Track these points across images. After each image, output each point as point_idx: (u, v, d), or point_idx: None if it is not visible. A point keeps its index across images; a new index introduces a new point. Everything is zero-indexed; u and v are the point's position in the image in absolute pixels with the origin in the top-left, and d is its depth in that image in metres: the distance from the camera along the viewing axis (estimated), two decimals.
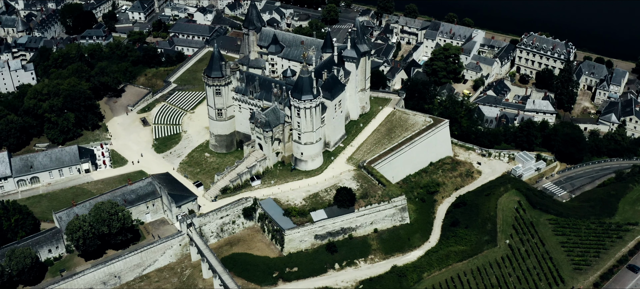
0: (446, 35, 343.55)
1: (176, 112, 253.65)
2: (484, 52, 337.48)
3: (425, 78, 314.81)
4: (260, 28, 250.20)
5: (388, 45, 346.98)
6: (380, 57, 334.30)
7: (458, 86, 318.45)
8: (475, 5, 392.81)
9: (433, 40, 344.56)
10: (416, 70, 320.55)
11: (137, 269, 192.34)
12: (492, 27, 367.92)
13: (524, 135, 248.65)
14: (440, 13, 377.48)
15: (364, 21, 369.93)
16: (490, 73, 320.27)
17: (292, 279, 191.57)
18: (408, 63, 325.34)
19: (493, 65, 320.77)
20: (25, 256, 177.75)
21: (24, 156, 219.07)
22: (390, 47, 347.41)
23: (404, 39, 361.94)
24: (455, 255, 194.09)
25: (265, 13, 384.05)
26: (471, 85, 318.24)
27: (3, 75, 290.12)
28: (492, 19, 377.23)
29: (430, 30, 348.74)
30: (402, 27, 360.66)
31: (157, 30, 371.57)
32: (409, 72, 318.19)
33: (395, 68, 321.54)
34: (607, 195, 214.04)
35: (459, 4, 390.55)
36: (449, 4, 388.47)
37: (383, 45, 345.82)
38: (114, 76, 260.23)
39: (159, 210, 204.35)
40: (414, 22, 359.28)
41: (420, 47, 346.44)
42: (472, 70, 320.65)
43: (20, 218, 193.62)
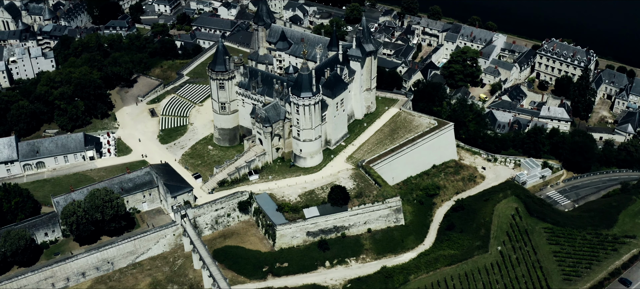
0: (467, 38, 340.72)
1: (185, 104, 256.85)
2: (504, 57, 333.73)
3: (442, 80, 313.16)
4: (270, 24, 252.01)
5: (408, 46, 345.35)
6: (399, 57, 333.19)
7: (475, 90, 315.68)
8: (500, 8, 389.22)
9: (453, 43, 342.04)
10: (433, 72, 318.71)
11: (130, 257, 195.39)
12: (515, 31, 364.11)
13: (531, 142, 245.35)
14: (464, 15, 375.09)
15: (386, 21, 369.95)
16: (509, 78, 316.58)
17: (282, 274, 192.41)
18: (425, 65, 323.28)
19: (512, 70, 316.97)
20: (19, 237, 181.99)
21: (31, 142, 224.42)
22: (410, 48, 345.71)
23: (425, 40, 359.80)
24: (444, 259, 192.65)
25: (288, 10, 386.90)
26: (488, 89, 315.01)
27: (23, 62, 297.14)
28: (516, 23, 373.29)
29: (451, 33, 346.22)
30: (424, 28, 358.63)
31: (181, 23, 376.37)
32: (425, 73, 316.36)
33: (412, 69, 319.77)
34: (608, 206, 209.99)
35: (483, 6, 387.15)
36: (473, 7, 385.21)
37: (403, 46, 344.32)
38: (126, 66, 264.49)
39: (155, 199, 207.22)
40: (436, 24, 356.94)
41: (440, 49, 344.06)
42: (490, 74, 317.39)
43: (20, 201, 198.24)
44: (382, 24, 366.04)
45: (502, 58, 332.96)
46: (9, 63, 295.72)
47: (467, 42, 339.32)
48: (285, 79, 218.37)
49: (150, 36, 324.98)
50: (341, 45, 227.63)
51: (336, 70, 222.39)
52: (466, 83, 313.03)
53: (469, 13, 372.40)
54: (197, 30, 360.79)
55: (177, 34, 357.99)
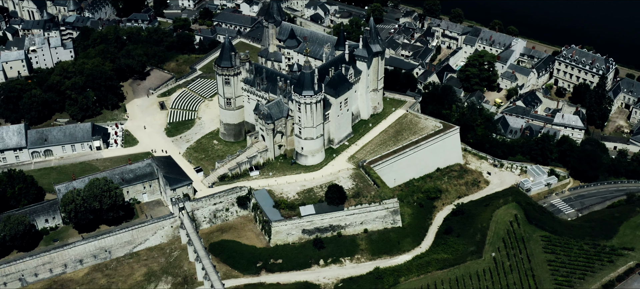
0: (486, 42, 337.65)
1: (195, 99, 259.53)
2: (523, 62, 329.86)
3: (457, 84, 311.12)
4: (280, 22, 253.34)
5: (426, 48, 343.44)
6: (417, 59, 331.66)
7: (491, 94, 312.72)
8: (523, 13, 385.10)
9: (472, 46, 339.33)
10: (449, 75, 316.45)
11: (127, 246, 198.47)
12: (538, 36, 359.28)
13: (539, 149, 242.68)
14: (486, 19, 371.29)
15: (406, 22, 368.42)
16: (526, 84, 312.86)
17: (275, 271, 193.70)
18: (442, 67, 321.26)
19: (529, 75, 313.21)
20: (18, 222, 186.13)
21: (40, 130, 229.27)
22: (429, 50, 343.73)
23: (444, 43, 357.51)
24: (437, 263, 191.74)
25: (310, 8, 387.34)
26: (505, 94, 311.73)
27: (43, 52, 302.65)
28: (539, 28, 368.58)
29: (470, 36, 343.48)
30: (444, 31, 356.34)
31: (203, 18, 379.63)
32: (441, 76, 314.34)
33: (428, 71, 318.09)
34: (610, 217, 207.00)
35: (506, 10, 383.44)
36: (495, 10, 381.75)
37: (421, 48, 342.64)
38: (139, 59, 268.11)
39: (155, 191, 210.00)
40: (456, 27, 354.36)
41: (459, 52, 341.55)
42: (507, 79, 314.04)
43: (24, 187, 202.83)
44: (402, 25, 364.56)
45: (520, 63, 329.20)
46: (29, 53, 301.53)
47: (486, 46, 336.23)
48: (289, 77, 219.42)
49: (169, 30, 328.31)
50: (347, 44, 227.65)
51: (341, 69, 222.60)
52: (482, 88, 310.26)
53: (491, 16, 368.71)
54: (218, 25, 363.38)
55: (198, 29, 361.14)
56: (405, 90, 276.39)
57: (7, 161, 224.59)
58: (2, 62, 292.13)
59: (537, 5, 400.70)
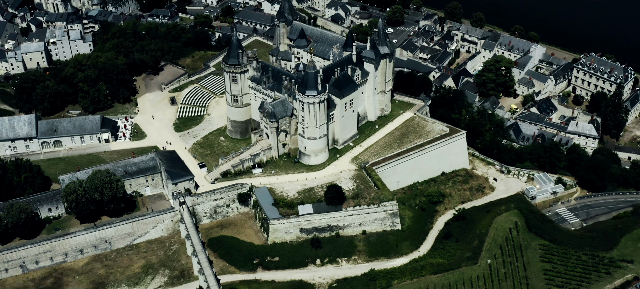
0: (505, 47, 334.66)
1: (206, 95, 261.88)
2: (541, 68, 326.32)
3: (473, 88, 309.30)
4: (291, 21, 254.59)
5: (445, 52, 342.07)
6: (434, 62, 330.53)
7: (507, 100, 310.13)
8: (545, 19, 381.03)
9: (491, 51, 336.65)
10: (466, 79, 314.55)
11: (128, 238, 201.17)
12: (559, 43, 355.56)
13: (547, 156, 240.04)
14: (507, 23, 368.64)
15: (426, 25, 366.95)
16: (543, 91, 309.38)
17: (272, 268, 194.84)
18: (458, 71, 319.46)
19: (547, 82, 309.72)
20: (21, 210, 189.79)
21: (50, 121, 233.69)
22: (448, 53, 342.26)
23: (464, 47, 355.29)
24: (431, 267, 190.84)
25: (330, 8, 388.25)
26: (521, 100, 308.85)
27: (62, 44, 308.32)
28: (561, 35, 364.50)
29: (489, 41, 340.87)
30: (463, 35, 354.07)
31: (225, 15, 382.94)
32: (457, 80, 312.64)
33: (444, 75, 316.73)
34: (612, 228, 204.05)
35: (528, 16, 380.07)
36: (517, 16, 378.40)
37: (440, 51, 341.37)
38: (152, 54, 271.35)
39: (158, 184, 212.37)
40: (475, 31, 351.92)
41: (477, 57, 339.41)
42: (524, 85, 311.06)
43: (30, 176, 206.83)
44: (422, 28, 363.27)
45: (539, 69, 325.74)
46: (49, 45, 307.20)
47: (505, 51, 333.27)
48: (294, 76, 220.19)
49: (187, 26, 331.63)
50: (355, 46, 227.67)
51: (347, 70, 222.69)
52: (498, 93, 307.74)
53: (512, 21, 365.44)
54: (238, 23, 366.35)
55: (219, 26, 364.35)
56: (419, 93, 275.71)
57: (17, 150, 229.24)
58: (22, 53, 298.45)
59: (560, 11, 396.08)
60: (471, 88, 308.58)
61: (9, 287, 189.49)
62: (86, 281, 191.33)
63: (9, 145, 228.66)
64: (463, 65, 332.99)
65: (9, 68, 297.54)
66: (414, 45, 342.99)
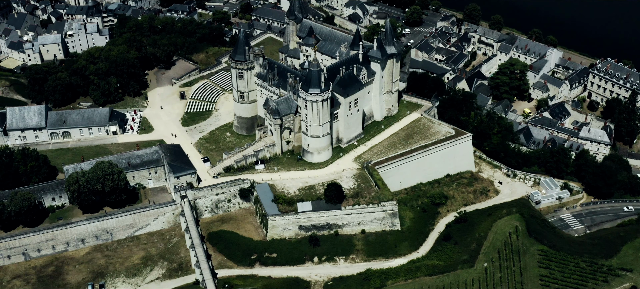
0: (521, 50, 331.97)
1: (215, 90, 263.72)
2: (558, 73, 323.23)
3: (487, 91, 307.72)
4: (301, 19, 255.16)
5: (461, 53, 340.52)
6: (449, 64, 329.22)
7: (521, 104, 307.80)
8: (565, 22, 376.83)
9: (507, 54, 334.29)
10: (480, 82, 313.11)
11: (129, 230, 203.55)
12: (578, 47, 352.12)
13: (554, 161, 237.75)
14: (526, 27, 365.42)
15: (443, 27, 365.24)
16: (558, 95, 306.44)
17: (269, 264, 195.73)
18: (472, 74, 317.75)
19: (562, 87, 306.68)
20: (24, 199, 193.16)
21: (60, 112, 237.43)
22: (463, 55, 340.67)
23: (480, 49, 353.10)
24: (426, 269, 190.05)
25: (349, 7, 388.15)
26: (535, 104, 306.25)
27: (79, 37, 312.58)
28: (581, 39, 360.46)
29: (506, 44, 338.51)
30: (480, 37, 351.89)
31: (244, 12, 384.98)
32: (471, 83, 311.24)
33: (458, 77, 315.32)
34: (614, 236, 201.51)
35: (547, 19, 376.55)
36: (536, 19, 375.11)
37: (456, 53, 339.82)
38: (164, 49, 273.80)
39: (161, 177, 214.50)
40: (492, 34, 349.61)
41: (493, 59, 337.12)
42: (539, 89, 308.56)
43: (36, 166, 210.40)
44: (439, 29, 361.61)
45: (555, 74, 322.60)
46: (66, 37, 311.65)
47: (521, 55, 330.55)
48: (299, 73, 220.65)
49: (204, 22, 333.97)
50: (361, 45, 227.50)
51: (352, 69, 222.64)
52: (512, 96, 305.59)
53: (531, 25, 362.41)
54: (256, 20, 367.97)
55: (236, 23, 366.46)
56: (431, 94, 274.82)
57: (27, 140, 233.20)
58: (39, 44, 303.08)
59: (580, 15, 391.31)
60: (485, 91, 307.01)
61: (11, 274, 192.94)
62: (86, 271, 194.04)
63: (19, 135, 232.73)
64: (478, 68, 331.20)
65: (26, 60, 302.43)
66: (430, 46, 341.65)
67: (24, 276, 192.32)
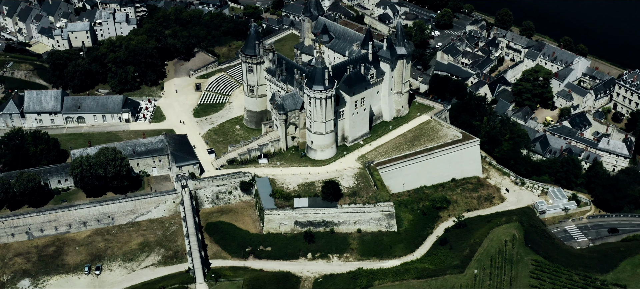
0: (548, 58, 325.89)
1: (230, 84, 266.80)
2: (584, 82, 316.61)
3: (510, 97, 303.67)
4: (317, 16, 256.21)
5: (487, 58, 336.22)
6: (474, 68, 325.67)
7: (543, 112, 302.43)
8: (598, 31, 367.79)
9: (533, 60, 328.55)
10: (503, 87, 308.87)
11: (130, 215, 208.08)
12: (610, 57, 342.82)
13: (563, 171, 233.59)
14: (557, 34, 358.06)
15: (472, 30, 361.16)
16: (582, 105, 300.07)
17: (263, 257, 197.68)
18: (495, 79, 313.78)
19: (586, 96, 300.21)
20: (29, 179, 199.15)
21: (75, 97, 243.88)
22: (490, 60, 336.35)
23: (508, 54, 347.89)
24: (415, 271, 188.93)
25: (379, 7, 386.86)
26: (557, 113, 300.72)
27: (108, 25, 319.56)
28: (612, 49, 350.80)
29: (533, 50, 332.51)
30: (508, 42, 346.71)
31: (275, 8, 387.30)
32: (493, 88, 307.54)
33: (481, 81, 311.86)
34: (614, 250, 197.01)
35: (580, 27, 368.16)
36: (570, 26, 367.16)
37: (482, 57, 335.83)
38: (184, 41, 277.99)
39: (165, 166, 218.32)
40: (521, 39, 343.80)
41: (519, 65, 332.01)
42: (563, 97, 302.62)
43: (45, 148, 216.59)
44: (468, 33, 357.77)
45: (582, 83, 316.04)
46: (95, 25, 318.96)
47: (548, 62, 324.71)
48: (305, 70, 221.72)
49: (231, 16, 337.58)
50: (370, 44, 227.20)
51: (360, 68, 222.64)
52: (535, 104, 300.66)
53: (563, 32, 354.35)
54: (286, 16, 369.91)
55: (266, 18, 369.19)
56: (451, 97, 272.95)
57: (43, 123, 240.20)
58: (68, 31, 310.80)
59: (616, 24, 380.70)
60: (507, 97, 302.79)
61: (14, 251, 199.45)
62: (85, 253, 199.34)
63: (36, 118, 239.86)
64: (503, 73, 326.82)
65: (55, 46, 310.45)
66: (456, 50, 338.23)
67: (26, 255, 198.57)
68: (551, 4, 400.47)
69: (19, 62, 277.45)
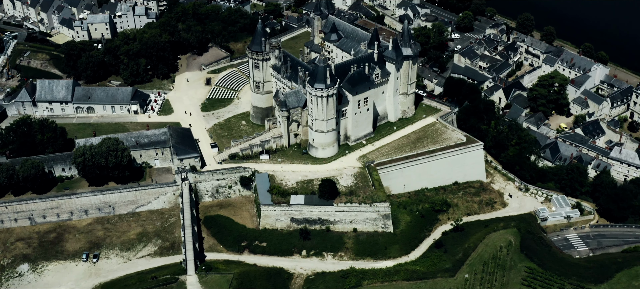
0: (566, 64, 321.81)
1: (241, 80, 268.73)
2: (602, 89, 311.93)
3: (524, 102, 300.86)
4: (327, 15, 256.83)
5: (505, 63, 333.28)
6: (491, 72, 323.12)
7: (557, 119, 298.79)
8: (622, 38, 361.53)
9: (551, 66, 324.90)
10: (518, 92, 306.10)
11: (131, 205, 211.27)
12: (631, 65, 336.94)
13: (568, 179, 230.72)
14: (579, 40, 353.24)
15: (491, 34, 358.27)
16: (597, 113, 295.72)
17: (258, 252, 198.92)
18: (510, 84, 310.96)
19: (602, 104, 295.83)
20: (32, 166, 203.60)
21: (86, 88, 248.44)
22: (508, 64, 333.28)
23: (527, 59, 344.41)
24: (405, 273, 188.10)
25: (400, 8, 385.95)
26: (572, 120, 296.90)
27: (127, 18, 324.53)
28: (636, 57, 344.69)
29: (551, 56, 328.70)
30: (528, 47, 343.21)
31: (297, 6, 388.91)
32: (508, 93, 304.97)
33: (497, 86, 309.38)
34: (611, 261, 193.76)
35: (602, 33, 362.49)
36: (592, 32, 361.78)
37: (500, 62, 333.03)
38: (197, 35, 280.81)
39: (167, 158, 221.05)
40: (540, 44, 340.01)
41: (537, 71, 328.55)
42: (578, 105, 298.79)
43: (52, 136, 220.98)
44: (487, 37, 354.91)
45: (600, 90, 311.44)
46: (115, 18, 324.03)
47: (566, 68, 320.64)
48: (309, 68, 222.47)
49: (250, 13, 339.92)
50: (376, 44, 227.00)
51: (364, 68, 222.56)
52: (550, 110, 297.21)
53: (585, 38, 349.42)
54: (306, 14, 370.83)
55: (286, 16, 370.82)
56: (465, 100, 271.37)
57: (54, 112, 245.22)
58: (88, 23, 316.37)
59: None
60: (521, 102, 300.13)
61: (16, 236, 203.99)
62: (84, 240, 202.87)
63: (47, 107, 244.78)
64: (520, 78, 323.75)
65: (75, 37, 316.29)
66: (474, 53, 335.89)
67: (27, 239, 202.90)
68: (575, 9, 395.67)
69: (36, 52, 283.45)
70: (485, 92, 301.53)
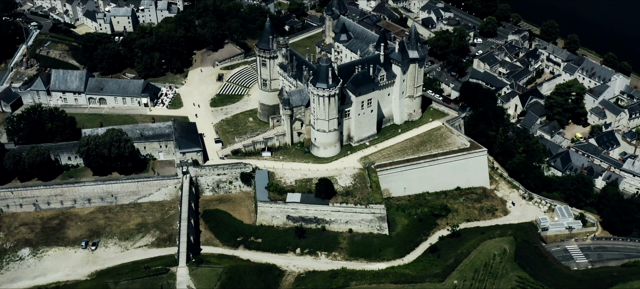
0: (586, 73, 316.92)
1: (252, 77, 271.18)
2: (622, 100, 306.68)
3: (541, 110, 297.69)
4: (338, 16, 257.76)
5: (525, 69, 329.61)
6: (510, 78, 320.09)
7: (574, 128, 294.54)
8: None
9: (571, 75, 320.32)
10: (534, 100, 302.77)
11: (132, 196, 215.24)
12: None
13: (573, 189, 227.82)
14: (603, 49, 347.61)
15: (513, 40, 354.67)
16: (614, 123, 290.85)
17: (252, 248, 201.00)
18: (527, 91, 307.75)
19: (620, 115, 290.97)
20: (38, 154, 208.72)
21: (98, 79, 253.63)
22: (527, 71, 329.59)
23: (548, 67, 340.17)
24: (394, 276, 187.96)
25: (424, 11, 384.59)
26: (589, 130, 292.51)
27: (149, 12, 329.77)
28: None
29: (572, 64, 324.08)
30: (549, 54, 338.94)
31: (322, 5, 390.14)
32: (525, 100, 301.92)
33: (514, 92, 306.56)
34: (607, 275, 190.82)
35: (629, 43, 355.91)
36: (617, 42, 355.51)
37: (519, 68, 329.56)
38: (212, 31, 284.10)
39: (170, 151, 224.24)
40: (561, 52, 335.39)
41: (556, 79, 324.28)
42: (596, 114, 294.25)
43: (61, 125, 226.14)
44: (509, 43, 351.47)
45: (619, 101, 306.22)
46: (137, 11, 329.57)
47: (586, 77, 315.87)
48: (313, 67, 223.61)
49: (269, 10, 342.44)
50: (382, 46, 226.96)
51: (368, 69, 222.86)
52: (566, 119, 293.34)
53: (608, 48, 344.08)
54: None
55: (310, 15, 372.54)
56: (480, 106, 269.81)
57: (67, 101, 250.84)
58: (110, 16, 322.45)
59: None
60: (537, 110, 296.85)
61: (20, 221, 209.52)
62: (85, 228, 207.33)
63: (60, 96, 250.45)
64: (539, 86, 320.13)
65: (97, 29, 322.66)
66: (494, 59, 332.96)
67: (31, 225, 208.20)
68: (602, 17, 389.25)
69: (56, 42, 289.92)
70: (501, 99, 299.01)
